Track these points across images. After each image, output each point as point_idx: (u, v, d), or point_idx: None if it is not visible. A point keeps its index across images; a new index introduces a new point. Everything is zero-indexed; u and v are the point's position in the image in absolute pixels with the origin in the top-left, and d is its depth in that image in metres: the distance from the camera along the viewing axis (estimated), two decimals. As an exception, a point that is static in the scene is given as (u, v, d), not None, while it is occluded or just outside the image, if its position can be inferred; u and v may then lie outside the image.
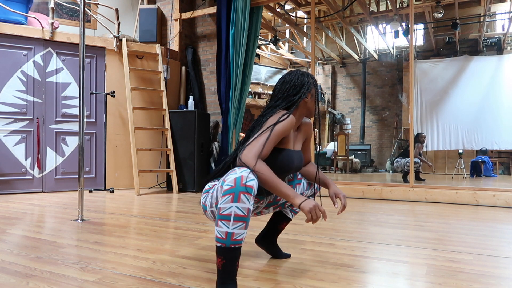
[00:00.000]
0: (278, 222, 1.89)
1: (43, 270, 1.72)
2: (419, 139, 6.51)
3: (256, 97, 10.77)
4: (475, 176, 7.98)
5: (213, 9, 5.88)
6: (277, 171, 1.57)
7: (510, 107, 7.81)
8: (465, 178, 7.63)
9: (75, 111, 5.16)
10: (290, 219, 1.90)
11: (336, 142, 9.11)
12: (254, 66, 6.54)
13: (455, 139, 8.13)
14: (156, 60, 5.70)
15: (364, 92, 11.66)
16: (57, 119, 5.05)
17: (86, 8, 4.59)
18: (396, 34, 8.32)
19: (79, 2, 3.17)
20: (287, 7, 7.72)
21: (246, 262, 1.89)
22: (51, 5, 4.92)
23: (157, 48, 5.67)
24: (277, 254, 1.91)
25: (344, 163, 9.18)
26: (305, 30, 9.93)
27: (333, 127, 11.97)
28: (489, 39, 9.41)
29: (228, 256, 1.36)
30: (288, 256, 1.94)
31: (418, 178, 5.99)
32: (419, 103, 8.39)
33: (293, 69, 1.85)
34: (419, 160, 6.27)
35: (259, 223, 2.94)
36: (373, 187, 4.77)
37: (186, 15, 6.21)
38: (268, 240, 1.91)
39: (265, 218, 3.21)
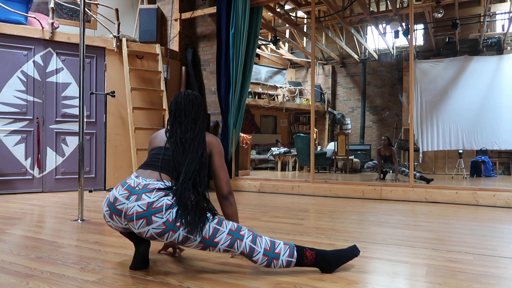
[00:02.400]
0: (305, 265, 1.70)
1: (43, 270, 1.72)
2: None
3: (256, 97, 10.77)
4: (475, 176, 7.97)
5: (213, 9, 5.88)
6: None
7: (510, 107, 7.80)
8: (465, 178, 7.63)
9: (75, 111, 5.16)
10: (299, 261, 1.68)
11: (336, 142, 9.11)
12: (254, 66, 6.52)
13: (455, 139, 8.12)
14: (156, 60, 5.69)
15: (364, 92, 11.66)
16: (57, 119, 5.05)
17: (86, 8, 4.59)
18: (396, 34, 8.32)
19: (79, 2, 3.17)
20: (287, 7, 7.72)
21: (246, 262, 1.89)
22: (51, 5, 4.92)
23: (157, 48, 5.67)
24: (342, 259, 1.76)
25: (344, 163, 9.17)
26: (305, 30, 9.93)
27: (333, 127, 11.97)
28: (489, 39, 9.40)
29: None
30: (352, 253, 1.80)
31: (427, 180, 5.92)
32: (419, 103, 8.38)
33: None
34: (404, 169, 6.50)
35: (258, 223, 2.94)
36: (373, 187, 4.77)
37: (186, 15, 6.21)
38: (325, 268, 1.71)
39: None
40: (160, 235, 1.58)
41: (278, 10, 7.71)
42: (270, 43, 9.02)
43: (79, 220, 2.96)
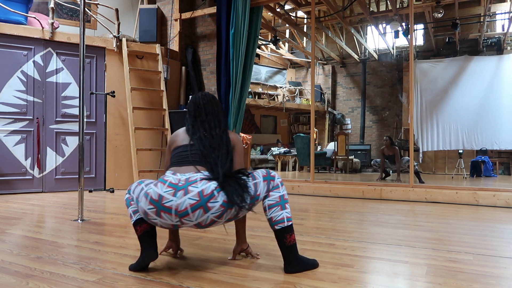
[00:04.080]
0: (282, 240, 1.73)
1: (43, 270, 1.72)
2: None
3: (256, 97, 10.77)
4: (475, 176, 7.97)
5: (213, 9, 5.88)
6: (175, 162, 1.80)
7: (510, 107, 7.80)
8: (465, 178, 7.62)
9: (75, 111, 5.16)
10: (287, 228, 1.72)
11: (336, 142, 9.11)
12: (254, 66, 6.52)
13: (455, 139, 8.11)
14: (156, 60, 5.69)
15: (364, 92, 11.66)
16: (57, 119, 5.05)
17: (86, 8, 4.59)
18: (396, 34, 8.32)
19: (79, 2, 3.17)
20: (287, 7, 7.72)
21: (245, 262, 1.89)
22: (51, 5, 4.92)
23: (157, 48, 5.67)
24: (310, 267, 1.78)
25: (344, 163, 9.17)
26: (305, 30, 9.93)
27: (333, 127, 11.97)
28: (489, 39, 9.40)
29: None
30: (316, 264, 1.82)
31: (420, 180, 5.98)
32: (419, 103, 8.38)
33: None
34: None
35: (258, 223, 2.94)
36: (373, 187, 4.77)
37: (186, 15, 6.20)
38: (292, 263, 1.73)
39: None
40: (219, 217, 1.65)
41: (278, 10, 7.71)
42: (270, 43, 9.01)
43: (79, 220, 2.96)
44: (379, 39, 11.10)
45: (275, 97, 11.15)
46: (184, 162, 1.75)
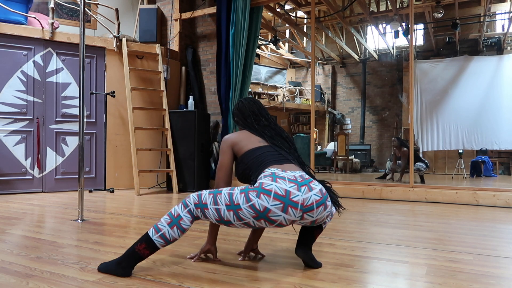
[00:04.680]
0: (312, 229, 1.79)
1: (43, 270, 1.72)
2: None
3: (256, 97, 10.77)
4: (475, 176, 7.97)
5: (213, 9, 5.88)
6: (250, 169, 1.77)
7: (510, 107, 7.81)
8: (465, 178, 7.63)
9: (75, 111, 5.16)
10: (322, 229, 1.82)
11: (336, 142, 9.11)
12: (254, 66, 6.53)
13: (455, 139, 8.12)
14: (156, 60, 5.69)
15: (364, 92, 11.66)
16: (57, 119, 5.05)
17: (86, 8, 4.59)
18: (396, 34, 8.32)
19: (79, 2, 3.17)
20: (287, 7, 7.72)
21: (245, 262, 1.89)
22: (51, 5, 4.92)
23: (157, 48, 5.67)
24: (313, 263, 1.78)
25: (344, 163, 9.17)
26: (305, 30, 9.93)
27: (333, 127, 11.97)
28: (489, 39, 9.41)
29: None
30: (320, 265, 1.81)
31: (422, 180, 6.04)
32: (419, 103, 8.39)
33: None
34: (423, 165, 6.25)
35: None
36: (373, 187, 4.77)
37: (186, 15, 6.20)
38: (306, 247, 1.78)
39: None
40: (328, 217, 1.73)
41: (278, 10, 7.71)
42: (270, 43, 9.02)
43: (79, 220, 2.96)
44: (379, 39, 11.11)
45: (275, 97, 11.15)
46: (283, 160, 1.74)
